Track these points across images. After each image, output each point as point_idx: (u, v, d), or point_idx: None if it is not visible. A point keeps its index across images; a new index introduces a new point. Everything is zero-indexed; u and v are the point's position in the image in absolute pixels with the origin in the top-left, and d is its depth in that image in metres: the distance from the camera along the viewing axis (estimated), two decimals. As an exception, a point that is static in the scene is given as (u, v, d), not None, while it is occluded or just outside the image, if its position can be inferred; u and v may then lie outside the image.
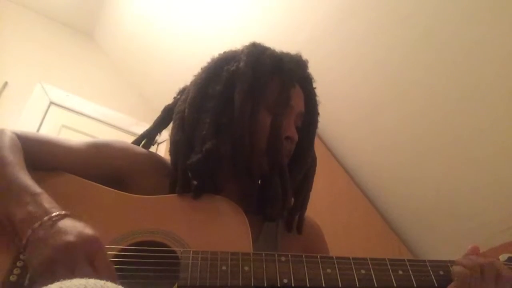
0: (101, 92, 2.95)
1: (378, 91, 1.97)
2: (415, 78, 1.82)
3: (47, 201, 0.67)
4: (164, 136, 1.03)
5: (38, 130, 2.57)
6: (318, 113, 0.97)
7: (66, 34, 3.00)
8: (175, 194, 0.83)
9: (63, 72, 2.85)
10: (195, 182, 0.83)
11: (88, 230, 0.64)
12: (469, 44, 1.60)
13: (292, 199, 0.91)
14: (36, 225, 0.62)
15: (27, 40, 2.79)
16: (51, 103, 2.71)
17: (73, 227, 0.63)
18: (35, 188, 0.69)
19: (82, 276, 0.56)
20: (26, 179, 0.70)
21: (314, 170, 0.96)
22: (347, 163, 2.28)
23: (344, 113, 2.15)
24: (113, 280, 0.61)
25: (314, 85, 0.97)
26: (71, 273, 0.58)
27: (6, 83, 2.54)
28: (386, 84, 1.92)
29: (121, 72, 3.10)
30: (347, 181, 2.25)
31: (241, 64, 0.88)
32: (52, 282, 0.48)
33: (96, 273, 0.60)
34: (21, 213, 0.64)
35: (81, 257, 0.60)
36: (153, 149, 1.03)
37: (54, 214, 0.64)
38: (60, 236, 0.61)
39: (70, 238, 0.61)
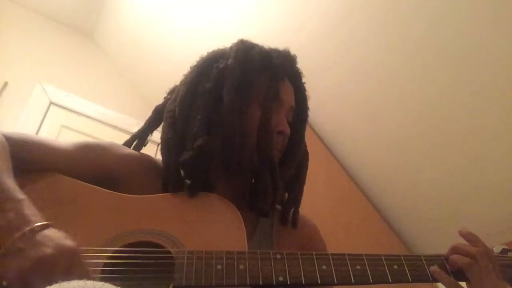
0: (101, 92, 2.95)
1: (378, 92, 1.96)
2: (416, 79, 1.81)
3: (28, 209, 0.65)
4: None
5: (38, 130, 2.57)
6: (308, 108, 0.97)
7: (66, 34, 3.00)
8: (168, 193, 0.83)
9: (63, 72, 2.85)
10: (188, 181, 0.82)
11: (67, 242, 0.62)
12: (470, 44, 1.60)
13: (286, 194, 0.91)
14: (17, 235, 0.60)
15: (27, 40, 2.79)
16: (51, 103, 2.71)
17: (52, 238, 0.62)
18: (17, 193, 0.66)
19: None
20: (8, 183, 0.67)
21: (307, 164, 0.96)
22: (347, 164, 2.27)
23: (345, 113, 2.14)
24: None
25: (304, 80, 0.98)
26: (48, 285, 0.56)
27: (6, 83, 2.54)
28: (386, 84, 1.92)
29: (121, 72, 3.10)
30: (347, 182, 2.24)
31: (230, 61, 0.88)
32: None
33: None
34: (1, 220, 0.62)
35: (58, 269, 0.59)
36: (152, 149, 1.02)
37: (36, 225, 0.62)
38: (38, 248, 0.60)
39: (48, 250, 0.59)
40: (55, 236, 0.63)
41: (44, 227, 0.63)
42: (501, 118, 1.68)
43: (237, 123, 0.84)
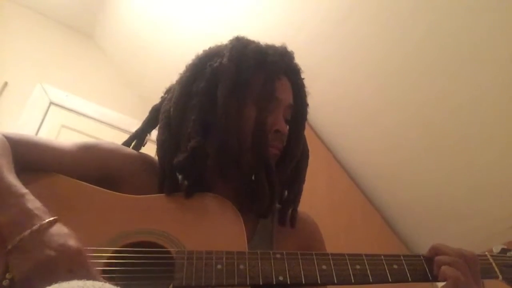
0: (101, 92, 2.95)
1: (379, 92, 1.96)
2: (416, 79, 1.81)
3: (31, 203, 0.65)
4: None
5: (38, 130, 2.57)
6: (307, 104, 0.95)
7: (66, 34, 3.00)
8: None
9: (63, 72, 2.85)
10: (186, 182, 0.82)
11: (71, 242, 0.62)
12: (471, 44, 1.60)
13: (286, 193, 0.90)
14: (26, 233, 0.60)
15: (27, 40, 2.79)
16: (51, 103, 2.71)
17: (56, 239, 0.61)
18: (20, 189, 0.66)
19: None
20: (10, 178, 0.68)
21: (306, 163, 0.94)
22: (347, 164, 2.27)
23: (345, 114, 2.14)
24: None
25: (303, 75, 0.95)
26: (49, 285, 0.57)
27: (6, 83, 2.54)
28: (386, 85, 1.92)
29: (121, 72, 3.10)
30: (347, 182, 2.24)
31: (224, 59, 0.86)
32: None
33: None
34: (5, 217, 0.62)
35: (62, 271, 0.59)
36: (152, 149, 1.02)
37: (43, 222, 0.63)
38: (43, 249, 0.60)
39: (52, 252, 0.59)
40: (60, 235, 0.63)
41: (51, 224, 0.63)
42: (502, 118, 1.68)
43: (233, 125, 0.82)
